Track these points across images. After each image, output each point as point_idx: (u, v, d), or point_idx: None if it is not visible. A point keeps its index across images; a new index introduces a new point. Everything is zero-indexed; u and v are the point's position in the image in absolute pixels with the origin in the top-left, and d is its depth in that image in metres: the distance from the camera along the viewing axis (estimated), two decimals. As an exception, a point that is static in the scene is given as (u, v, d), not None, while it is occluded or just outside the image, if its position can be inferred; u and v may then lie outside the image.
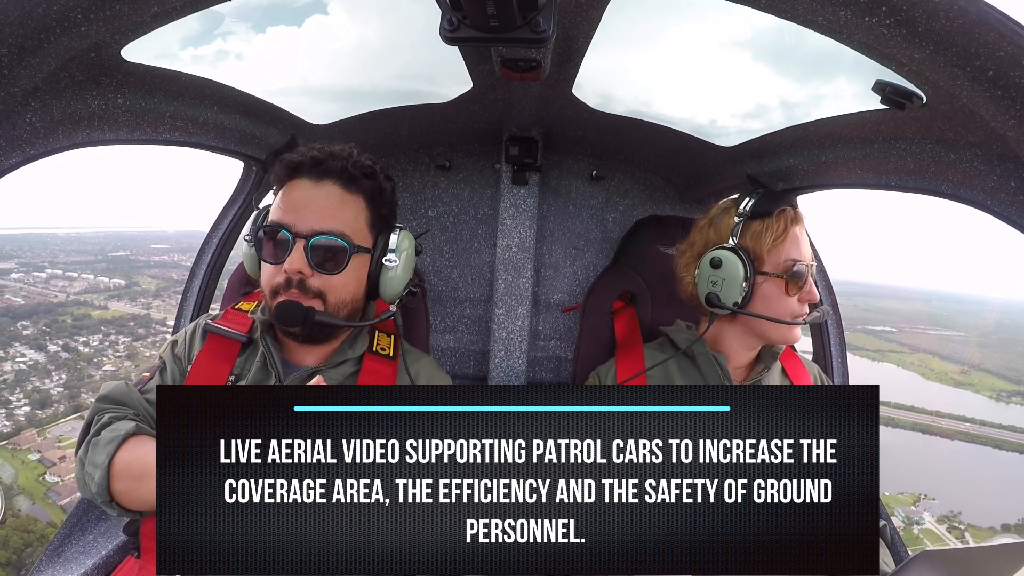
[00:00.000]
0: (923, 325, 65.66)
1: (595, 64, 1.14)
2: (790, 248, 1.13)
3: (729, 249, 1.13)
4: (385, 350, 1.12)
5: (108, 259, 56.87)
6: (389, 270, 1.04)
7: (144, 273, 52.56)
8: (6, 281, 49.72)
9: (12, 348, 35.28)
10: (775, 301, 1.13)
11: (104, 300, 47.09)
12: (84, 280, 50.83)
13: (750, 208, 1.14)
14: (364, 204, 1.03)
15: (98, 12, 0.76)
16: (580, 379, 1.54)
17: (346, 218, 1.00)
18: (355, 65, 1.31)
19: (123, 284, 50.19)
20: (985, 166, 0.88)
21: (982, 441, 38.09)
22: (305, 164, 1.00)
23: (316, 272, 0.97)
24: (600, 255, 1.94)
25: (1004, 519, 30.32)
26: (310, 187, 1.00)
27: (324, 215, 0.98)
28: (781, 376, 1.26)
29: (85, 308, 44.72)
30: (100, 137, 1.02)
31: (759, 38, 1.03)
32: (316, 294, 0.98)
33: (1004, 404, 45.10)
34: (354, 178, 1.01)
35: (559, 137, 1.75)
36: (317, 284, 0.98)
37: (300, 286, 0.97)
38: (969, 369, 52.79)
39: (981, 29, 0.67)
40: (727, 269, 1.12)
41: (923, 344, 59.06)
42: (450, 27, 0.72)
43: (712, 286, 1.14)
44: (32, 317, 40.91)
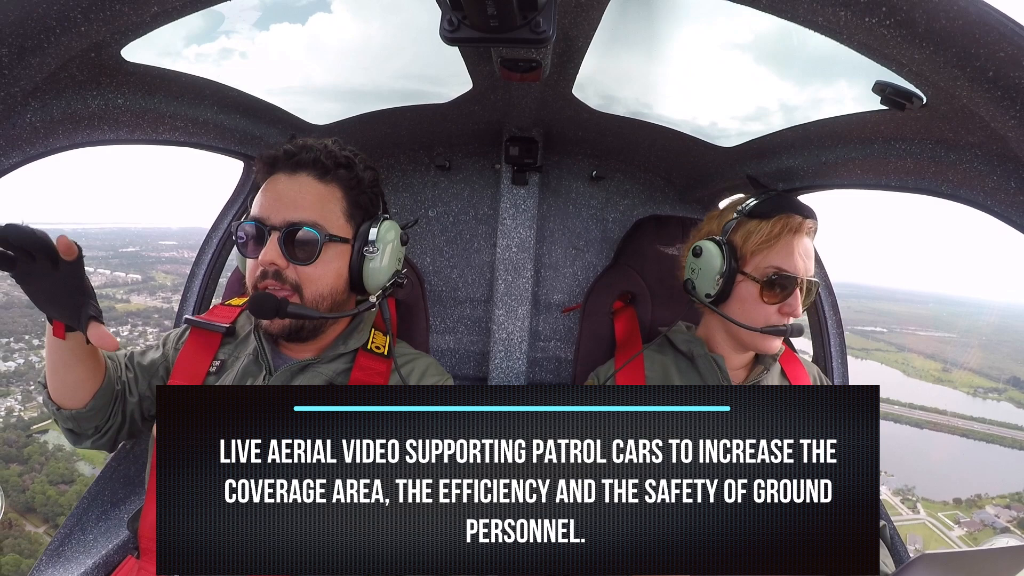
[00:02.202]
0: (914, 326, 67.05)
1: (597, 65, 1.14)
2: (777, 255, 1.09)
3: (714, 241, 1.13)
4: (380, 348, 1.11)
5: (119, 255, 57.52)
6: (371, 261, 1.02)
7: (158, 269, 53.08)
8: None
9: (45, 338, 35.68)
10: (750, 305, 1.11)
11: (125, 294, 47.96)
12: (101, 275, 51.47)
13: (750, 207, 1.12)
14: (341, 194, 1.02)
15: (98, 12, 0.76)
16: (580, 379, 1.54)
17: (319, 207, 0.99)
18: (358, 64, 1.30)
19: (140, 279, 51.00)
20: (985, 166, 0.88)
21: (949, 430, 41.47)
22: (280, 158, 1.01)
23: (291, 264, 0.97)
24: (600, 255, 1.94)
25: (956, 494, 32.80)
26: (285, 180, 1.00)
27: (296, 206, 0.98)
28: (780, 377, 1.26)
29: (109, 301, 45.58)
30: (100, 137, 1.02)
31: (760, 41, 1.03)
32: (293, 287, 0.97)
33: (981, 399, 47.79)
34: (328, 168, 1.00)
35: (559, 137, 1.75)
36: (293, 276, 0.97)
37: (276, 277, 0.96)
38: (950, 367, 54.87)
39: (981, 29, 0.67)
40: (705, 259, 1.12)
41: (909, 344, 60.96)
42: (450, 27, 0.72)
43: (691, 273, 1.15)
44: None
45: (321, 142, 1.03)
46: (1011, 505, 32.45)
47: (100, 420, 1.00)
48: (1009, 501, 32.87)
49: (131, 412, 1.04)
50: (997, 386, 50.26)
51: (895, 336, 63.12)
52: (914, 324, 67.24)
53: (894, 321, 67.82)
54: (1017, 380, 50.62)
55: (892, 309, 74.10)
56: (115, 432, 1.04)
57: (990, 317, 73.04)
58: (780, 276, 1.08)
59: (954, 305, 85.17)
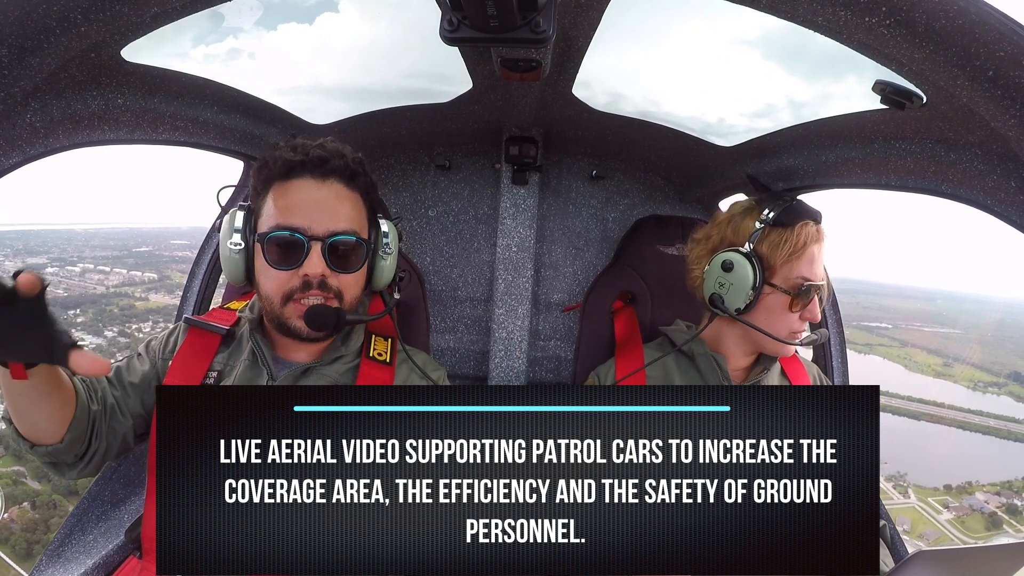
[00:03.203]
0: (919, 322, 67.47)
1: (603, 63, 1.14)
2: (804, 265, 1.10)
3: (744, 255, 1.11)
4: (382, 355, 1.11)
5: (133, 254, 58.07)
6: (383, 260, 1.06)
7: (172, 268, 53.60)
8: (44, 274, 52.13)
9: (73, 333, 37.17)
10: (777, 315, 1.11)
11: (143, 292, 48.40)
12: (118, 274, 52.04)
13: (774, 216, 1.11)
14: (362, 200, 1.03)
15: (98, 12, 0.76)
16: (580, 379, 1.54)
17: (353, 215, 1.00)
18: (365, 63, 1.30)
19: (156, 278, 51.49)
20: (985, 166, 0.88)
21: (947, 422, 42.70)
22: (308, 163, 0.97)
23: (334, 272, 0.97)
24: (600, 255, 1.94)
25: (948, 481, 33.84)
26: (315, 187, 0.97)
27: (337, 215, 0.97)
28: (780, 377, 1.26)
29: (128, 299, 46.15)
30: (100, 137, 1.01)
31: (768, 36, 1.02)
32: (335, 294, 0.98)
33: (980, 393, 48.94)
34: (355, 174, 1.01)
35: (559, 137, 1.75)
36: (336, 284, 0.98)
37: (322, 287, 0.96)
38: (952, 362, 55.71)
39: (981, 29, 0.67)
40: (737, 274, 1.10)
41: (913, 339, 61.50)
42: (450, 27, 0.72)
43: (719, 287, 1.13)
44: (80, 307, 42.63)
45: (338, 146, 1.01)
46: (1001, 492, 33.40)
47: (80, 449, 0.93)
48: (999, 488, 33.78)
49: (123, 434, 0.99)
50: (997, 380, 51.17)
51: (899, 332, 63.73)
52: (919, 320, 67.63)
53: (899, 317, 68.24)
54: (1018, 375, 51.42)
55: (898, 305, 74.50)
56: (101, 457, 0.97)
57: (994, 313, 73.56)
58: (809, 286, 1.10)
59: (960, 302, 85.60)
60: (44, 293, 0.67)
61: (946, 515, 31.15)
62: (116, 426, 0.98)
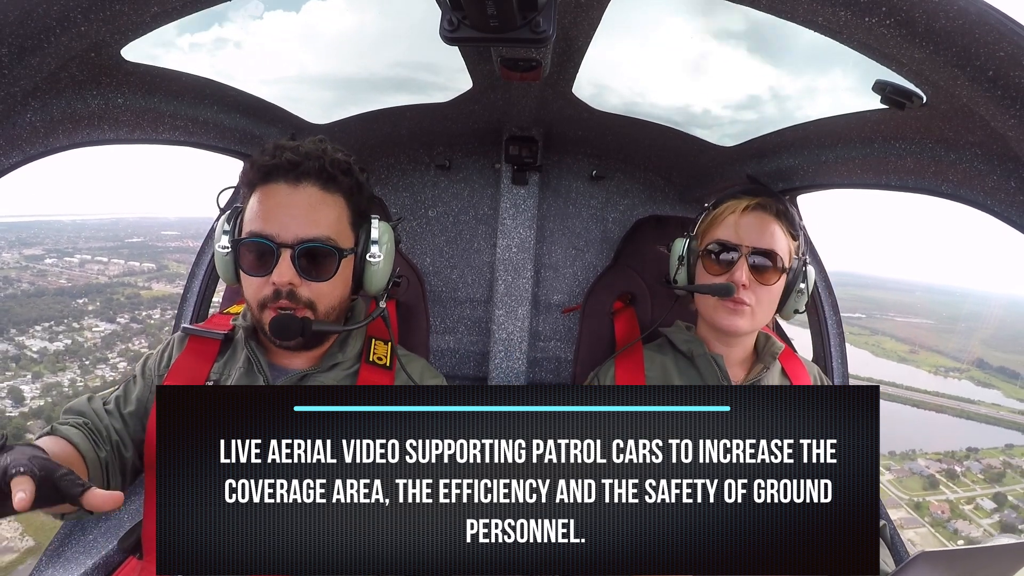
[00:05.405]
0: (893, 312, 69.70)
1: (588, 54, 1.13)
2: (721, 230, 1.16)
3: (685, 237, 1.25)
4: (382, 359, 1.10)
5: (127, 245, 58.45)
6: (373, 265, 1.01)
7: (168, 258, 53.89)
8: (43, 266, 51.77)
9: (85, 320, 39.10)
10: (701, 280, 1.19)
11: (146, 281, 48.97)
12: (116, 264, 52.52)
13: (715, 200, 1.21)
14: (344, 203, 0.98)
15: (98, 12, 0.77)
16: (580, 380, 1.54)
17: (329, 221, 0.95)
18: (352, 53, 1.29)
19: (154, 267, 51.96)
20: (985, 166, 0.88)
21: (901, 401, 46.84)
22: (280, 167, 0.93)
23: (305, 281, 0.94)
24: (600, 255, 1.94)
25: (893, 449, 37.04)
26: (288, 192, 0.94)
27: (307, 221, 0.93)
28: (780, 376, 1.26)
29: (132, 288, 46.93)
30: (100, 137, 1.01)
31: (754, 29, 1.03)
32: (307, 304, 0.94)
33: (942, 378, 52.96)
34: (332, 177, 0.96)
35: (559, 137, 1.75)
36: (307, 293, 0.94)
37: (290, 297, 0.93)
38: (918, 349, 59.08)
39: (981, 29, 0.67)
40: (672, 249, 1.26)
41: (884, 328, 64.16)
42: (450, 27, 0.72)
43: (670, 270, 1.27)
44: (86, 296, 43.37)
45: (318, 146, 0.98)
46: (942, 460, 36.68)
47: None
48: (941, 456, 37.05)
49: (132, 465, 0.99)
50: (959, 366, 54.76)
51: (873, 321, 66.28)
52: (894, 311, 69.20)
53: (875, 307, 70.25)
54: (982, 362, 54.95)
55: (876, 296, 75.92)
56: (119, 488, 0.96)
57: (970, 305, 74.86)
58: (718, 244, 1.15)
59: (940, 294, 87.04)
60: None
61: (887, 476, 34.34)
62: (125, 458, 0.98)
